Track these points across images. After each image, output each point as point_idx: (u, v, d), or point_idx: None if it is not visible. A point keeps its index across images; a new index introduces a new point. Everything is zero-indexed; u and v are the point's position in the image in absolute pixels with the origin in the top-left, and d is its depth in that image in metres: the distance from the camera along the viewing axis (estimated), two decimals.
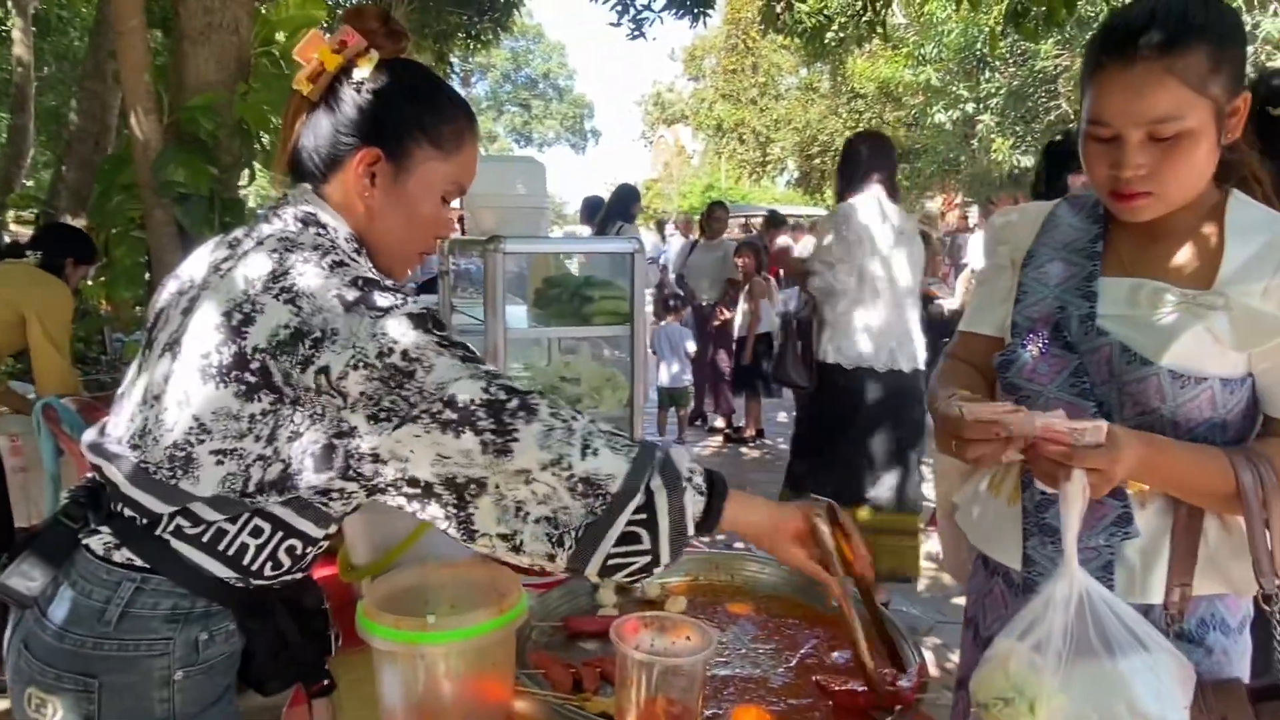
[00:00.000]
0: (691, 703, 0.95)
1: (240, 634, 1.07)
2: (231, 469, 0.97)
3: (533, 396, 0.94)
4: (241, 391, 0.95)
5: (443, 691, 1.07)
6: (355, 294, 0.95)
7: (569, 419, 0.94)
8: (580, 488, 0.92)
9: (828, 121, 22.36)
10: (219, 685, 1.06)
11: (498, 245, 1.69)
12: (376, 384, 0.91)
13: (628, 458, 0.94)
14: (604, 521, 0.92)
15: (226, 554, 1.01)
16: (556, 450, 0.91)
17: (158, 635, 0.99)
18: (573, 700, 1.11)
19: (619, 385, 1.92)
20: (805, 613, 1.44)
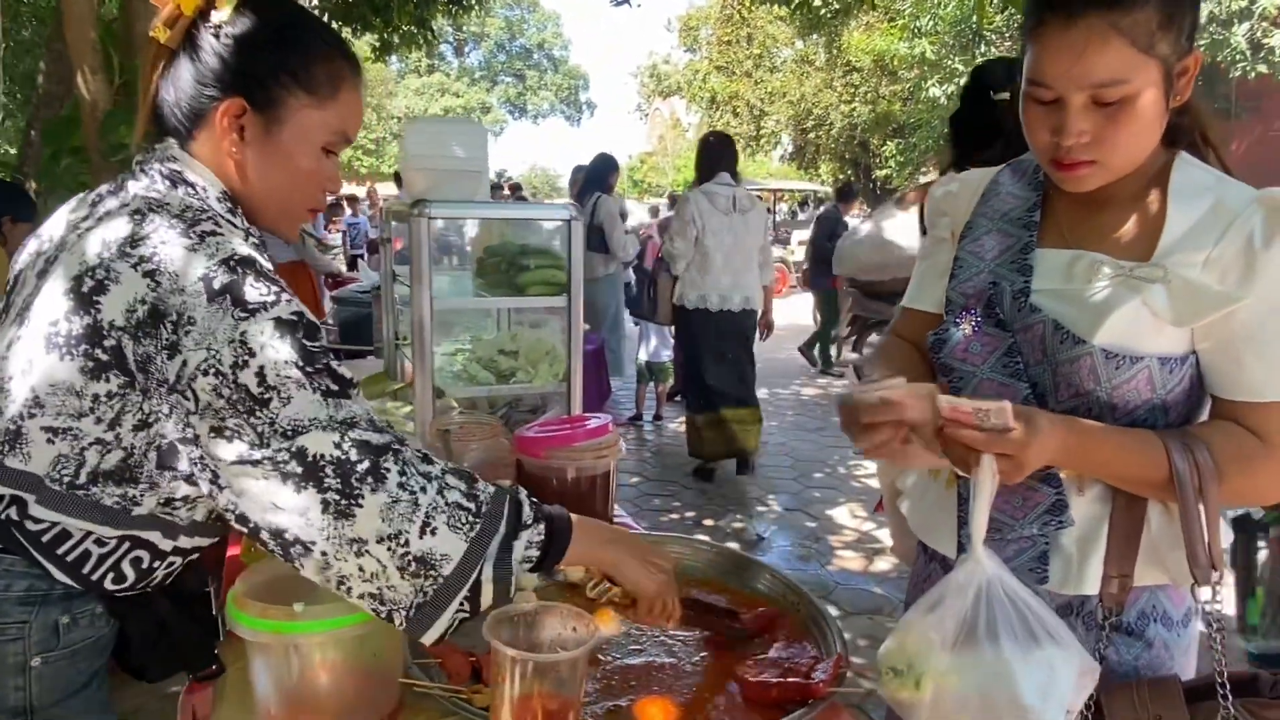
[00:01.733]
0: (570, 696, 0.88)
1: (110, 617, 1.00)
2: (64, 450, 0.89)
3: (385, 459, 0.87)
4: (88, 368, 0.87)
5: (318, 683, 1.01)
6: (224, 279, 0.85)
7: (417, 490, 0.88)
8: (412, 567, 0.87)
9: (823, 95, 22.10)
10: (83, 672, 0.99)
11: (423, 209, 1.60)
12: (224, 402, 0.83)
13: (466, 537, 0.90)
14: (434, 603, 0.90)
15: (65, 560, 0.93)
16: (396, 525, 0.86)
17: (10, 619, 0.92)
18: (461, 693, 1.05)
19: (557, 359, 1.84)
20: (734, 598, 1.38)
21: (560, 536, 0.98)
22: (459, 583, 0.89)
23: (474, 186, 1.83)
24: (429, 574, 0.88)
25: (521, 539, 0.95)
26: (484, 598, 0.92)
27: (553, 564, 0.98)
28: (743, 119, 24.48)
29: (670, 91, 28.91)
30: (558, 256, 1.82)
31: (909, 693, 0.93)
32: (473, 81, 37.22)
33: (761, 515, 4.38)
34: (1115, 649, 1.08)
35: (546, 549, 0.96)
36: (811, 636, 1.25)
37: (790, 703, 1.06)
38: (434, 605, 0.90)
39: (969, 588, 0.90)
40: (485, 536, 0.91)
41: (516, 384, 1.83)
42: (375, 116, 29.46)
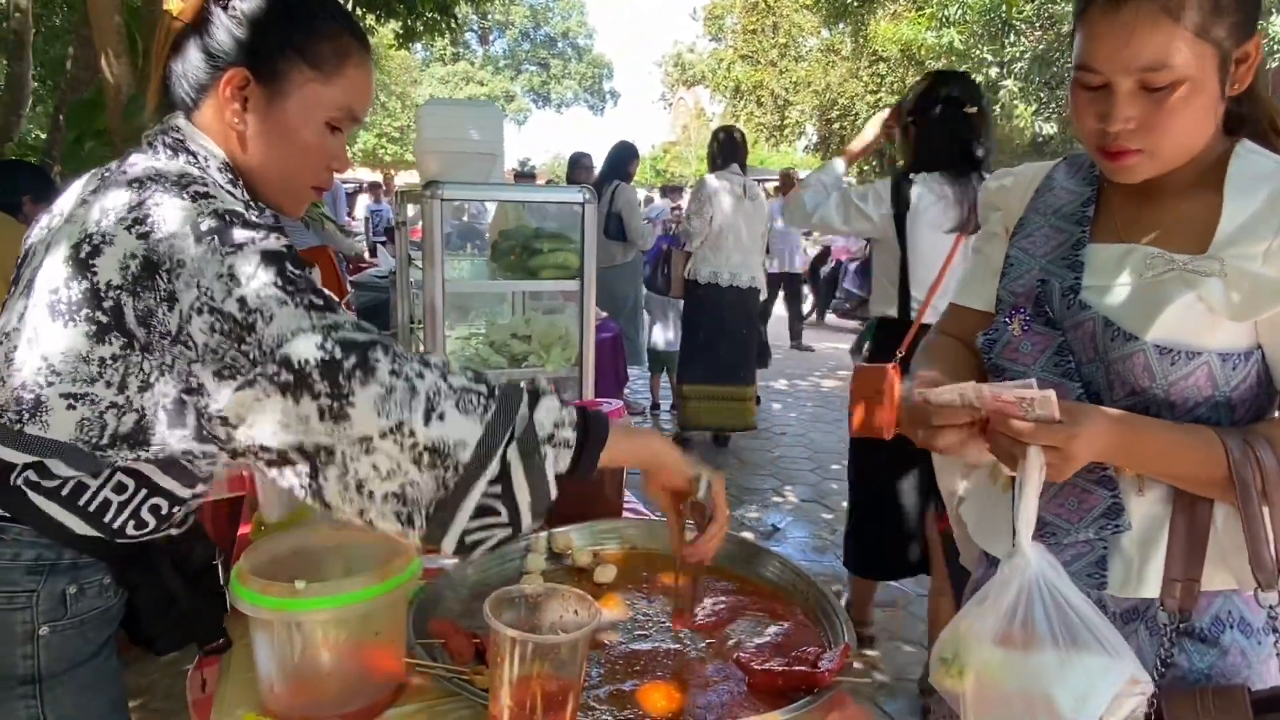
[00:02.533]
0: (570, 679, 0.87)
1: (119, 588, 1.01)
2: (85, 415, 0.90)
3: (374, 351, 0.82)
4: (92, 332, 0.88)
5: (320, 661, 1.01)
6: (211, 223, 0.86)
7: (413, 376, 0.82)
8: (426, 458, 0.82)
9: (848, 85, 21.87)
10: (92, 642, 1.00)
11: (435, 191, 1.59)
12: (219, 337, 0.83)
13: (480, 420, 0.83)
14: (454, 498, 0.83)
15: (87, 510, 0.94)
16: (395, 416, 0.81)
17: (18, 588, 0.93)
18: (463, 673, 1.04)
19: (569, 343, 1.83)
20: (741, 586, 1.37)
21: (598, 423, 0.90)
22: (478, 469, 0.83)
23: (488, 169, 1.82)
24: (445, 463, 0.82)
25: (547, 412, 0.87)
26: (519, 493, 0.85)
27: (595, 453, 0.89)
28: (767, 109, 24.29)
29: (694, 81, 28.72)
30: (571, 240, 1.80)
31: (954, 682, 0.92)
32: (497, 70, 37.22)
33: (777, 506, 4.36)
34: (1186, 655, 1.02)
35: (584, 436, 0.89)
36: (820, 625, 1.23)
37: (795, 691, 1.05)
38: (453, 498, 0.83)
39: (1012, 583, 0.89)
40: (504, 416, 0.84)
41: (529, 368, 1.82)
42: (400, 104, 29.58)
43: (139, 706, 2.39)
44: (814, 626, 1.24)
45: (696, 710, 1.04)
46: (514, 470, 0.84)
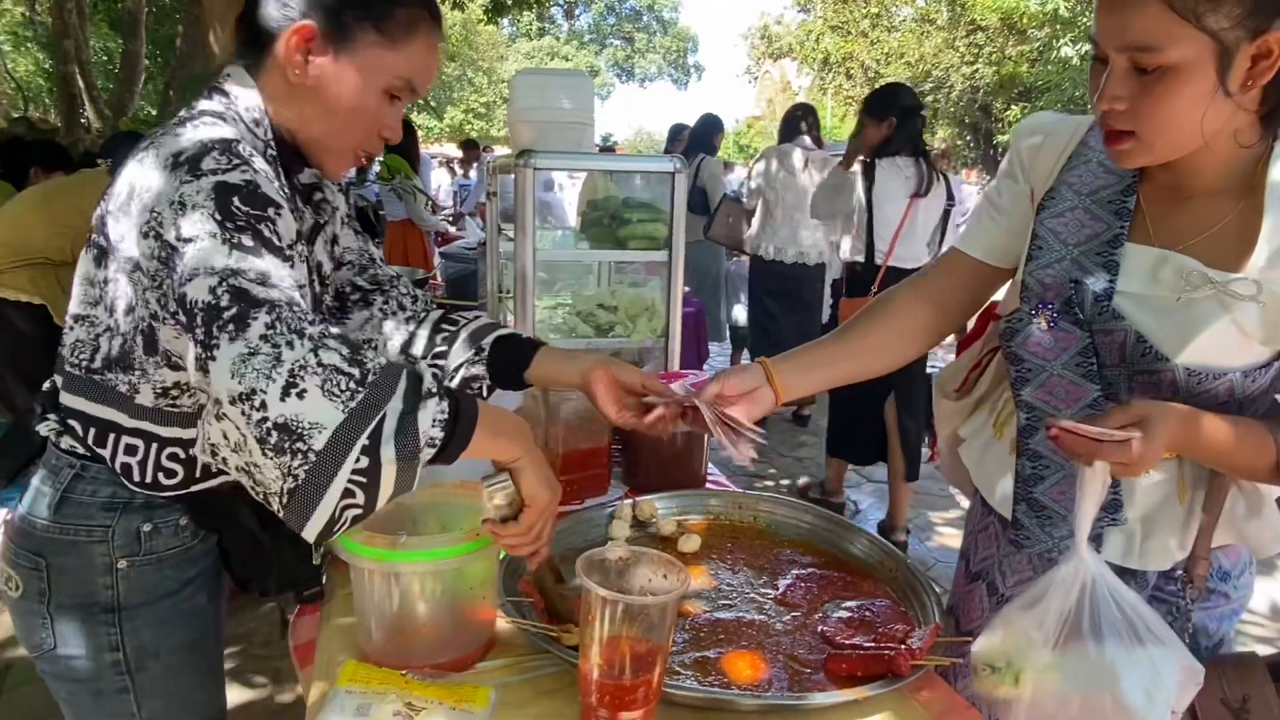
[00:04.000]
0: (659, 641, 0.88)
1: (199, 530, 1.05)
2: (81, 336, 0.95)
3: (258, 311, 0.76)
4: (94, 255, 0.94)
5: (416, 611, 1.04)
6: (190, 153, 0.85)
7: (282, 344, 0.74)
8: (273, 438, 0.73)
9: (943, 56, 21.05)
10: (171, 579, 1.04)
11: (528, 160, 1.60)
12: (156, 264, 0.83)
13: (344, 406, 0.75)
14: (311, 487, 0.75)
15: (116, 471, 0.98)
16: (250, 381, 0.73)
17: (95, 522, 0.98)
18: (551, 631, 1.06)
19: (656, 314, 1.83)
20: (827, 561, 1.35)
21: (467, 414, 0.84)
22: (336, 461, 0.75)
23: (579, 138, 1.83)
24: (295, 448, 0.74)
25: (428, 409, 0.80)
26: (383, 487, 0.78)
27: (457, 450, 0.84)
28: (856, 81, 23.60)
29: (781, 53, 28.12)
30: (659, 210, 1.79)
31: (1006, 689, 0.92)
32: (581, 45, 37.27)
33: (859, 487, 4.29)
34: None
35: (452, 429, 0.82)
36: (909, 604, 1.21)
37: (880, 668, 1.03)
38: (308, 489, 0.75)
39: (1073, 585, 0.89)
40: (370, 407, 0.76)
41: (615, 338, 1.83)
42: (486, 80, 29.96)
43: (239, 652, 2.54)
44: (902, 605, 1.21)
45: (781, 682, 1.04)
46: (384, 469, 0.77)
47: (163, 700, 1.04)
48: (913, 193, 3.31)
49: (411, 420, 0.79)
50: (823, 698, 0.97)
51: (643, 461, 1.67)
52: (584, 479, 1.62)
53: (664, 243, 1.73)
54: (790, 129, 4.70)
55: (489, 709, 0.96)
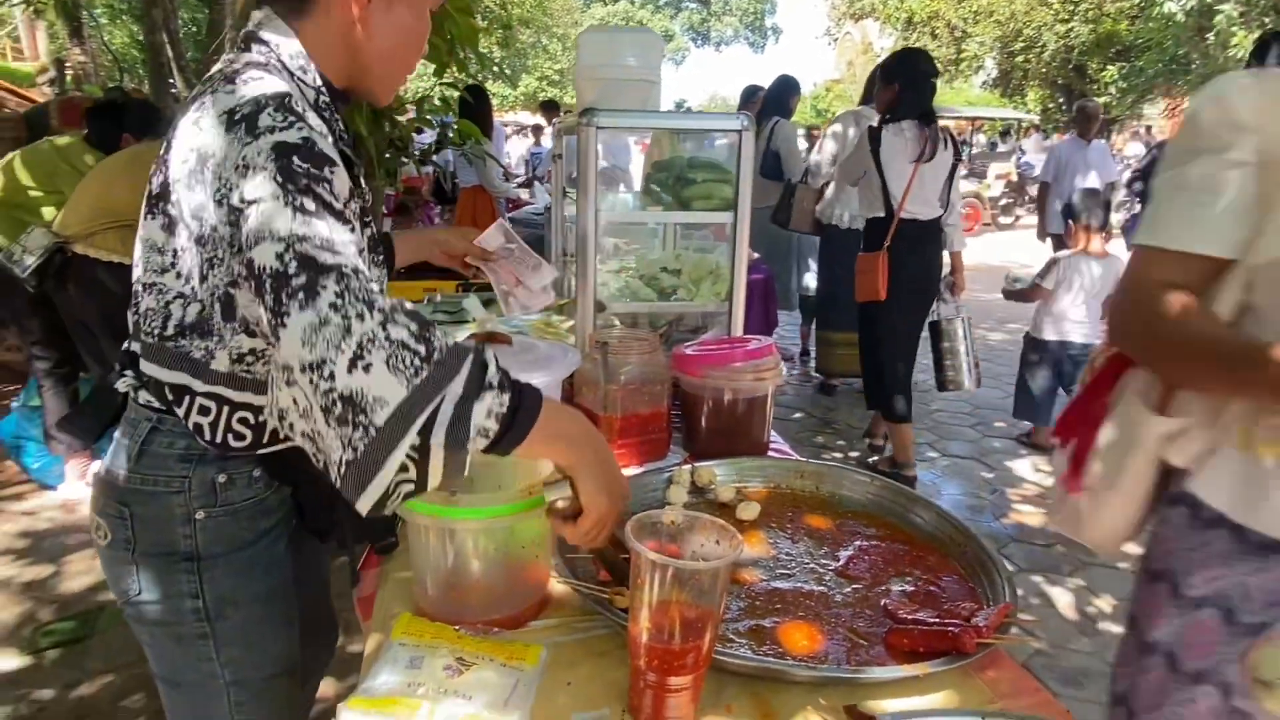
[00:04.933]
0: (710, 607, 0.86)
1: (273, 481, 1.06)
2: (151, 304, 0.95)
3: (326, 277, 0.77)
4: (164, 224, 0.93)
5: (470, 568, 1.05)
6: (245, 111, 0.85)
7: (352, 316, 0.75)
8: (338, 409, 0.75)
9: (1036, 13, 20.00)
10: (248, 529, 1.05)
11: (591, 119, 1.57)
12: (230, 229, 0.84)
13: (407, 383, 0.76)
14: (369, 461, 0.76)
15: (189, 428, 0.99)
16: (320, 351, 0.74)
17: (173, 473, 1.00)
18: (603, 592, 1.05)
19: (720, 278, 1.78)
20: (892, 534, 1.31)
21: (528, 411, 0.84)
22: (395, 438, 0.76)
23: (645, 96, 1.78)
24: (358, 421, 0.75)
25: (485, 400, 0.80)
26: (433, 468, 0.79)
27: (511, 444, 0.84)
28: (942, 41, 22.66)
29: (862, 14, 27.17)
30: (726, 171, 1.74)
31: None
32: (657, 8, 36.76)
33: (932, 463, 4.17)
34: None
35: (509, 423, 0.82)
36: (978, 581, 1.16)
37: (943, 645, 0.99)
38: (366, 463, 0.77)
39: None
40: (432, 386, 0.77)
41: (677, 301, 1.79)
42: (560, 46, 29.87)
43: None
44: (970, 582, 1.16)
45: (838, 654, 1.00)
46: (434, 453, 0.78)
47: (241, 648, 1.07)
48: (913, 159, 3.43)
49: (467, 409, 0.79)
50: (881, 672, 0.94)
51: (703, 428, 1.64)
52: (642, 443, 1.60)
53: (730, 204, 1.67)
54: (872, 90, 4.52)
55: (539, 666, 0.95)
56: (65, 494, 3.40)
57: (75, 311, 3.03)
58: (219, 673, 1.07)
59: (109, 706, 2.22)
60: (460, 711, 0.86)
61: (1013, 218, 14.95)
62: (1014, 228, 14.47)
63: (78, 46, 14.38)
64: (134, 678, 2.32)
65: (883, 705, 0.92)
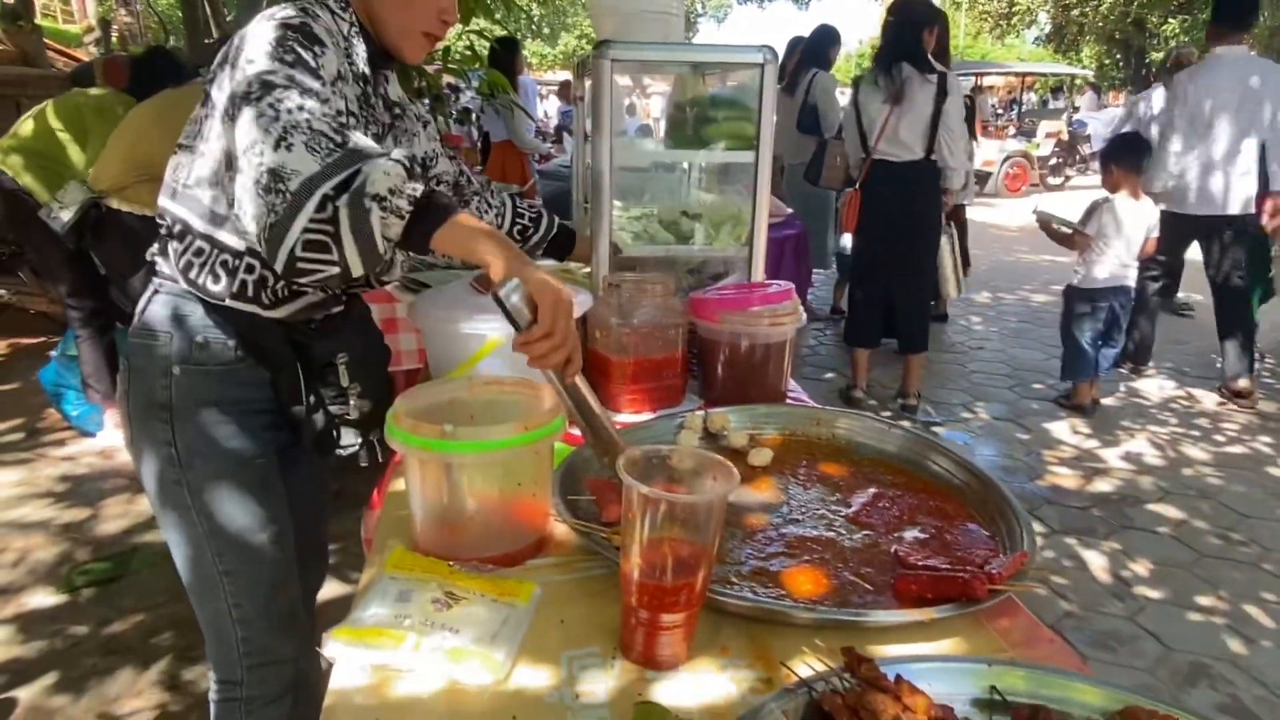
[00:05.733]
0: (704, 544, 0.82)
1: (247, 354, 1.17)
2: (183, 160, 1.14)
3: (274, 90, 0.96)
4: (200, 98, 1.13)
5: (466, 505, 1.02)
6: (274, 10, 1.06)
7: (285, 109, 0.94)
8: (264, 180, 0.93)
9: None
10: (215, 391, 1.17)
11: (604, 52, 1.51)
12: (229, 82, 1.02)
13: (321, 160, 0.92)
14: (284, 220, 0.93)
15: (178, 267, 1.16)
16: (254, 134, 0.94)
17: (162, 329, 1.16)
18: (602, 531, 1.02)
19: (740, 221, 1.72)
20: (909, 482, 1.26)
21: (441, 206, 0.98)
22: (301, 199, 0.92)
23: (666, 30, 1.71)
24: (278, 188, 0.92)
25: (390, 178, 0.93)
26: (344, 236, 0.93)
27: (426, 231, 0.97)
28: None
29: None
30: (748, 108, 1.67)
31: None
32: None
33: (966, 423, 4.08)
34: None
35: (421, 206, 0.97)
36: (995, 529, 1.11)
37: (952, 591, 0.94)
38: (282, 222, 0.93)
39: None
40: (338, 166, 0.93)
41: (696, 245, 1.73)
42: None
43: (337, 550, 2.66)
44: (989, 530, 1.11)
45: (844, 599, 0.97)
46: (341, 216, 0.92)
47: (212, 499, 1.18)
48: (883, 100, 3.72)
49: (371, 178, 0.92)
50: (884, 615, 0.90)
51: (719, 374, 1.59)
52: (657, 389, 1.57)
53: (751, 142, 1.61)
54: None
55: (531, 604, 0.93)
56: (104, 441, 3.48)
57: (117, 265, 3.07)
58: (196, 521, 1.18)
59: (139, 643, 2.27)
60: (446, 644, 0.84)
61: (1062, 178, 14.46)
62: (1063, 189, 14.00)
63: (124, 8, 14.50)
64: (164, 616, 2.37)
65: (884, 650, 0.88)
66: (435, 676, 0.83)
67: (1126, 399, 4.44)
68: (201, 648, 2.22)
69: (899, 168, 3.74)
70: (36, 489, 3.14)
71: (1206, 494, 3.35)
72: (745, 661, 0.88)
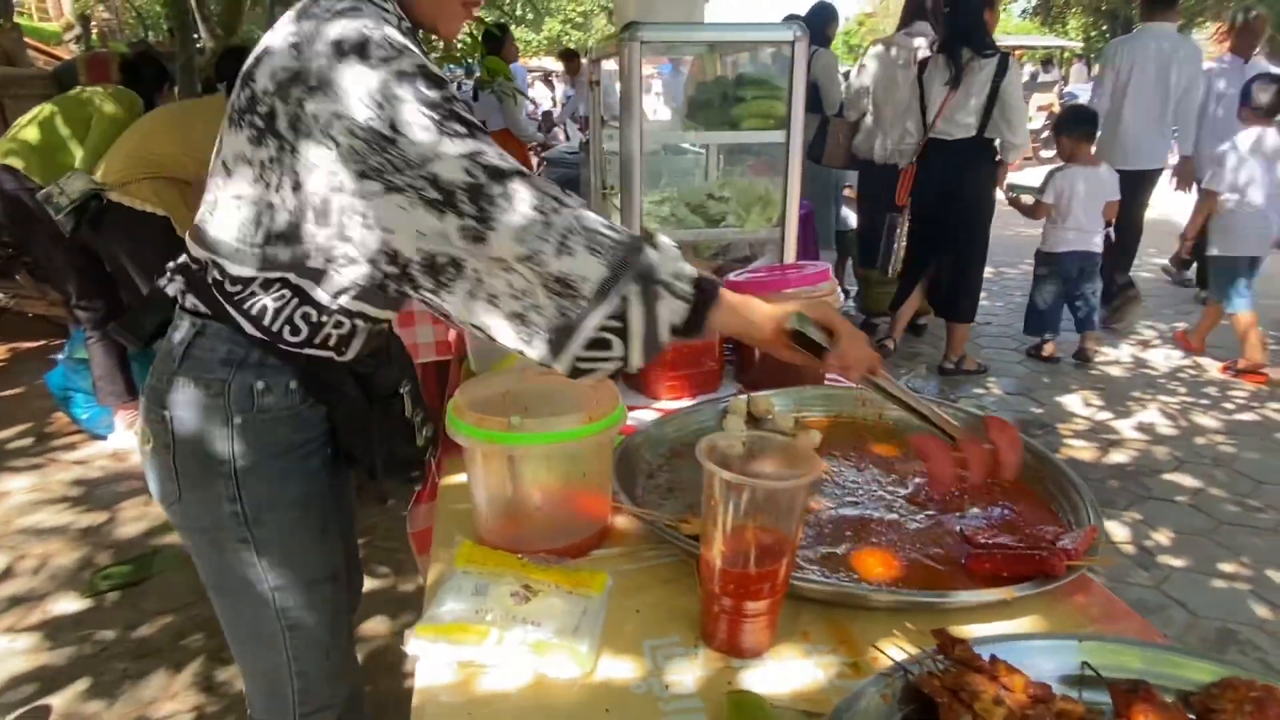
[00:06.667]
0: (787, 533, 0.81)
1: (308, 395, 1.07)
2: (246, 215, 0.96)
3: (513, 181, 0.87)
4: (252, 136, 0.93)
5: (531, 497, 1.01)
6: (353, 40, 0.89)
7: (549, 211, 0.87)
8: (554, 285, 0.88)
9: None
10: (281, 440, 1.07)
11: (633, 33, 1.49)
12: (362, 143, 0.88)
13: (605, 261, 0.88)
14: (573, 325, 0.89)
15: (250, 313, 1.01)
16: (530, 245, 0.87)
17: (214, 376, 1.02)
18: (667, 519, 1.02)
19: (770, 203, 1.70)
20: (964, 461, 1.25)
21: (710, 284, 0.93)
22: (595, 304, 0.88)
23: (688, 9, 1.69)
24: (568, 294, 0.88)
25: (669, 263, 0.91)
26: (632, 332, 0.89)
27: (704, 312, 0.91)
28: None
29: None
30: (777, 87, 1.65)
31: None
32: None
33: (979, 398, 4.08)
34: None
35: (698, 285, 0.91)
36: (1060, 507, 1.10)
37: (1027, 570, 0.94)
38: (571, 327, 0.89)
39: None
40: (623, 263, 0.89)
41: (726, 228, 1.71)
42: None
43: (364, 544, 2.65)
44: (1051, 506, 1.11)
45: (917, 580, 0.96)
46: (631, 307, 0.88)
47: (280, 554, 1.09)
48: (945, 82, 3.85)
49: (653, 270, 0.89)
50: (968, 596, 0.89)
51: (756, 358, 1.58)
52: (695, 375, 1.56)
53: (782, 121, 1.59)
54: (912, 13, 4.30)
55: (604, 594, 0.92)
56: (115, 443, 3.46)
57: (113, 256, 3.05)
58: (262, 578, 1.08)
59: (168, 646, 2.26)
60: (530, 637, 0.83)
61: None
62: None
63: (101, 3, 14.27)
64: (191, 618, 2.36)
65: (966, 631, 0.87)
66: (521, 670, 0.82)
67: (1135, 369, 4.45)
68: None
69: (954, 145, 3.88)
70: (51, 494, 3.11)
71: (1220, 462, 3.37)
72: (828, 646, 0.87)
